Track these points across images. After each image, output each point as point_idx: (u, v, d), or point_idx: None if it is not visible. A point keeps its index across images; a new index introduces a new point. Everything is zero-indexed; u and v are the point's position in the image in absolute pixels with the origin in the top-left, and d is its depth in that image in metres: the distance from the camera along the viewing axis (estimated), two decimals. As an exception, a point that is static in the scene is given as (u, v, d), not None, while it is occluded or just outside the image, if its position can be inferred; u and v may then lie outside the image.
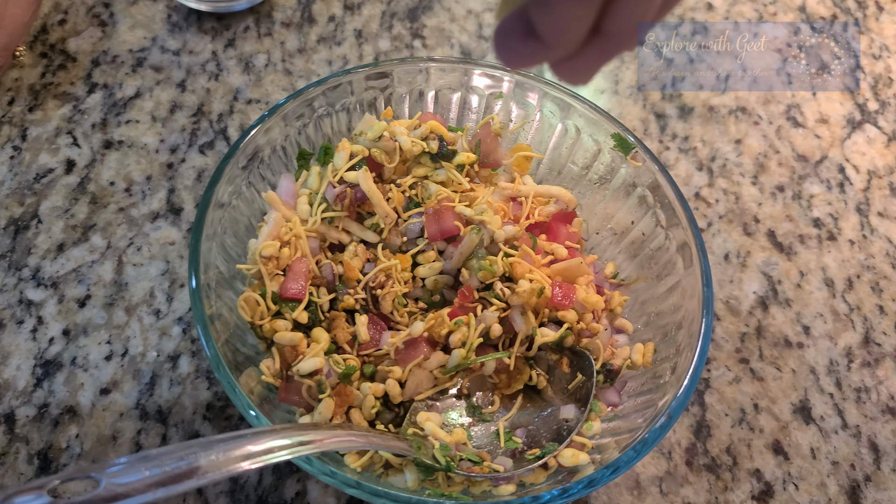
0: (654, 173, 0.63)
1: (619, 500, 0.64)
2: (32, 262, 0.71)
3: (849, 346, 0.74)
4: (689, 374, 0.52)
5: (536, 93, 0.68)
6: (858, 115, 0.91)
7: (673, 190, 0.62)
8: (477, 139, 0.66)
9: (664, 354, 0.59)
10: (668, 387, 0.54)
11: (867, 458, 0.68)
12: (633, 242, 0.67)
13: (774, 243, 0.80)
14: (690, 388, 0.52)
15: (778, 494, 0.66)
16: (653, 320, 0.62)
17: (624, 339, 0.63)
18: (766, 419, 0.69)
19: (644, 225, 0.65)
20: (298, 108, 0.63)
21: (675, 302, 0.61)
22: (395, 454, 0.54)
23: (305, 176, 0.64)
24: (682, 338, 0.57)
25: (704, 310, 0.55)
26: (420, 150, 0.64)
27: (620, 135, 0.65)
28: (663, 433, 0.51)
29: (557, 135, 0.70)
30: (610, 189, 0.68)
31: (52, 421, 0.63)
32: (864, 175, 0.86)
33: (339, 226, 0.63)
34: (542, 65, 0.38)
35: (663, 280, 0.63)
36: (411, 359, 0.56)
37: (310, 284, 0.60)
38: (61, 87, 0.83)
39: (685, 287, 0.59)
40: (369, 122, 0.64)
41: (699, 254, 0.58)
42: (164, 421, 0.64)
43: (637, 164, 0.64)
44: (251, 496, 0.61)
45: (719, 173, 0.84)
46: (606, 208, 0.69)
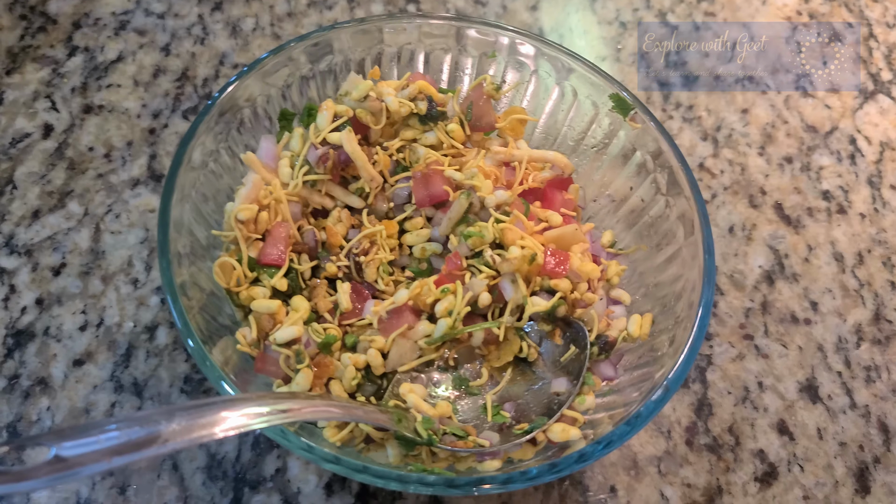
0: (656, 138, 0.60)
1: (615, 481, 0.61)
2: (6, 228, 0.68)
3: (858, 323, 0.71)
4: (689, 345, 0.49)
5: (533, 52, 0.65)
6: (871, 86, 0.87)
7: (674, 153, 0.58)
8: (469, 101, 0.63)
9: (662, 326, 0.56)
10: (665, 359, 0.51)
11: (876, 439, 0.65)
12: (633, 211, 0.63)
13: (781, 216, 0.76)
14: (690, 360, 0.49)
15: (782, 476, 0.62)
16: (651, 291, 0.59)
17: (621, 310, 0.60)
18: (771, 398, 0.66)
19: (643, 191, 0.62)
20: (278, 65, 0.60)
21: (674, 272, 0.57)
22: (377, 428, 0.51)
23: (288, 138, 0.61)
24: (682, 309, 0.54)
25: (705, 279, 0.52)
26: (408, 111, 0.61)
27: (619, 94, 0.61)
28: (659, 407, 0.48)
29: (554, 98, 0.66)
30: (608, 155, 0.64)
31: (23, 392, 0.61)
32: (876, 147, 0.82)
33: (322, 190, 0.60)
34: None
35: (663, 249, 0.60)
36: (395, 328, 0.53)
37: (290, 251, 0.57)
38: (40, 50, 0.80)
39: (685, 256, 0.56)
40: (354, 82, 0.61)
41: (701, 221, 0.55)
42: (139, 394, 0.61)
43: (636, 126, 0.61)
44: (229, 472, 0.58)
45: (725, 143, 0.81)
46: (604, 175, 0.65)
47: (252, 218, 0.55)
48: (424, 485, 0.45)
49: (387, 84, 0.62)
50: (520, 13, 0.89)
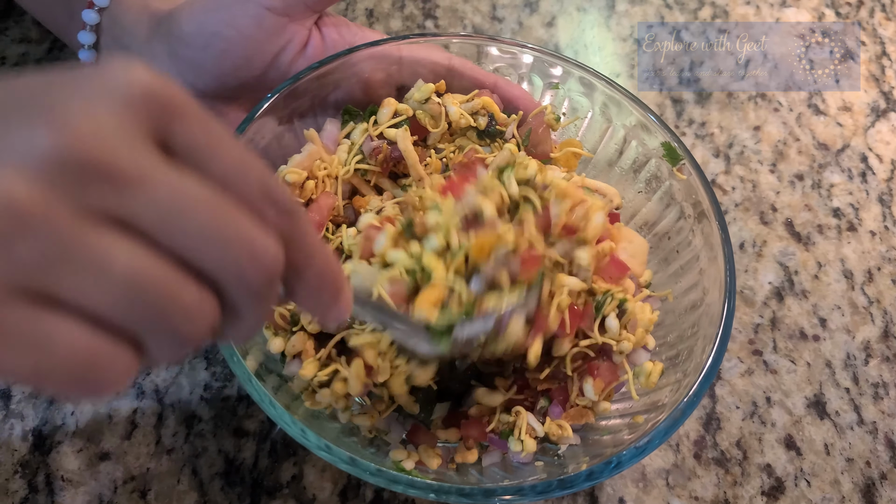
0: (697, 189, 0.59)
1: (623, 493, 0.62)
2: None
3: (867, 340, 0.71)
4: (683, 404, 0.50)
5: (595, 90, 0.66)
6: (883, 104, 0.88)
7: (715, 215, 0.58)
8: (528, 127, 0.64)
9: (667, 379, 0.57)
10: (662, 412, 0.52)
11: (883, 455, 0.66)
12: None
13: (792, 233, 0.77)
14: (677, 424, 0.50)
15: (789, 490, 0.63)
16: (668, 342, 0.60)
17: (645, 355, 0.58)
18: (779, 413, 0.67)
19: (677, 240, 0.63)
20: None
21: (692, 325, 0.58)
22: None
23: (351, 127, 0.63)
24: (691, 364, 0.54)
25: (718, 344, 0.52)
26: (467, 123, 0.63)
27: (670, 144, 0.62)
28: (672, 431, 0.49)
29: (607, 136, 0.67)
30: (652, 197, 0.65)
31: (48, 398, 0.63)
32: (887, 165, 0.83)
33: (371, 181, 0.62)
34: None
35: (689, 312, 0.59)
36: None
37: (329, 221, 0.60)
38: (68, 63, 0.82)
39: (702, 324, 0.56)
40: (420, 85, 0.63)
41: (726, 298, 0.54)
42: (160, 400, 0.63)
43: (681, 177, 0.61)
44: (246, 478, 0.60)
45: (736, 160, 0.82)
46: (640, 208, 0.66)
47: (299, 182, 0.58)
48: (439, 492, 0.46)
49: (453, 96, 0.64)
50: (535, 29, 0.91)
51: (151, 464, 0.60)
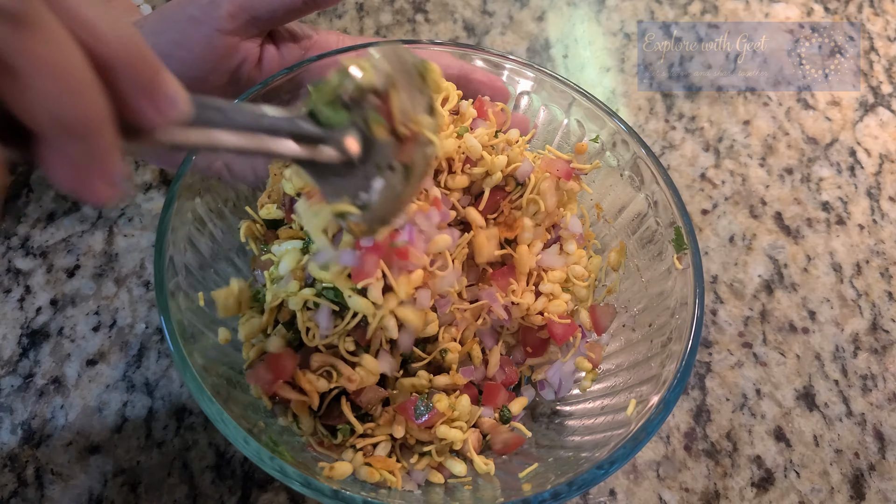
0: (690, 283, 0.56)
1: (615, 484, 0.62)
2: (22, 230, 0.70)
3: (856, 333, 0.72)
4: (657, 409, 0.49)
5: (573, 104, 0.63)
6: (872, 98, 0.88)
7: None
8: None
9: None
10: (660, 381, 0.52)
11: (872, 446, 0.66)
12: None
13: (781, 226, 0.78)
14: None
15: (779, 481, 0.64)
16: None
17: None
18: (769, 405, 0.67)
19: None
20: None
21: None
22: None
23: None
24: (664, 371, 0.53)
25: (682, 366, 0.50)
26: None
27: (681, 230, 0.57)
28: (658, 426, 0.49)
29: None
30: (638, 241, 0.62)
31: (38, 391, 0.62)
32: (875, 159, 0.84)
33: None
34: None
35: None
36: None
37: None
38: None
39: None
40: None
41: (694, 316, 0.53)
42: (150, 393, 0.63)
43: (679, 266, 0.57)
44: (237, 471, 0.60)
45: (726, 154, 0.82)
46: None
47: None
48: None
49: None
50: (526, 23, 0.91)
51: (142, 457, 0.60)
